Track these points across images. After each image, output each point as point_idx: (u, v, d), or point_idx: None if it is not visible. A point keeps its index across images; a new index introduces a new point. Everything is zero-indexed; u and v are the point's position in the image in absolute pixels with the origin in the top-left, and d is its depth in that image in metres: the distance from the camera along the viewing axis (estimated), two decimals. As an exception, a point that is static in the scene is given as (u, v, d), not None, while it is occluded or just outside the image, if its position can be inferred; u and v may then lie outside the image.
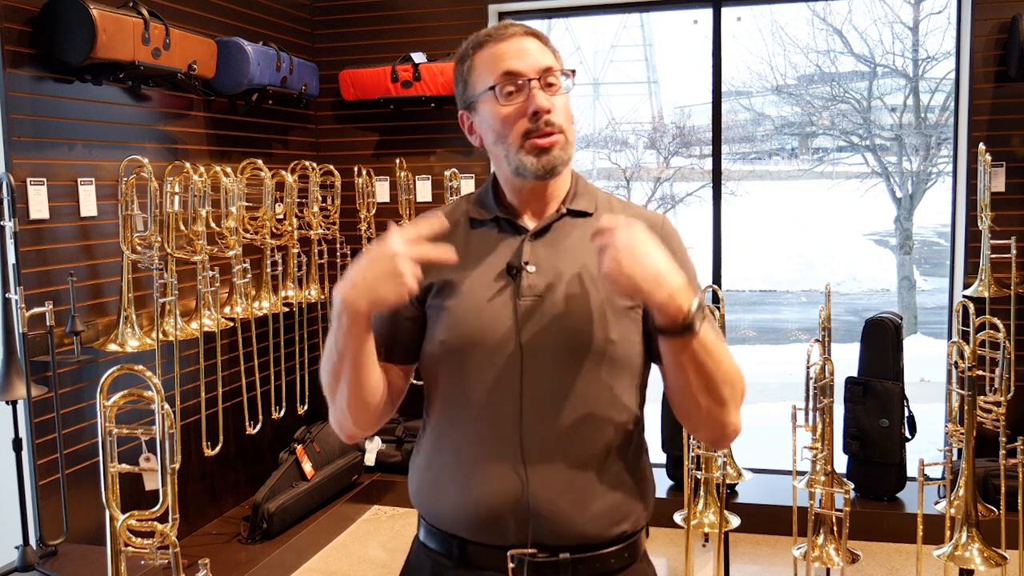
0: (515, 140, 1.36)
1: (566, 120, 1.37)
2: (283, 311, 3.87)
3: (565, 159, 1.37)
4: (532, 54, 1.36)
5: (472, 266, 1.39)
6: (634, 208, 1.48)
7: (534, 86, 1.34)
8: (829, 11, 10.00)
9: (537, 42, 1.39)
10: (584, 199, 1.44)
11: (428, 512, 1.44)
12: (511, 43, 1.37)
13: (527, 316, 1.34)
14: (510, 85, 1.35)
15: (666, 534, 3.69)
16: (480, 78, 1.38)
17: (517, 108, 1.35)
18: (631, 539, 1.40)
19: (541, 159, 1.35)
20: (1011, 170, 3.80)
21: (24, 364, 2.62)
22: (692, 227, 12.17)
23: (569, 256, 1.38)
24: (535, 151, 1.35)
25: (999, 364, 3.01)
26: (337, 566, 3.68)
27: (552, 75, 1.36)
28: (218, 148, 3.80)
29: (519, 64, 1.35)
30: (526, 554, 1.33)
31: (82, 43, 2.79)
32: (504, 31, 1.38)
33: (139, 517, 2.11)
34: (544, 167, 1.35)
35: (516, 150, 1.36)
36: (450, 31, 4.35)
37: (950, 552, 2.67)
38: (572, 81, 1.40)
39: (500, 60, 1.36)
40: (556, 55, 1.41)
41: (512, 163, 1.37)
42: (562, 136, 1.36)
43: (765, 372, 8.95)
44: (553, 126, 1.34)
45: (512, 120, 1.35)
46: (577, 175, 1.47)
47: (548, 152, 1.35)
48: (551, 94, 1.36)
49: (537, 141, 1.34)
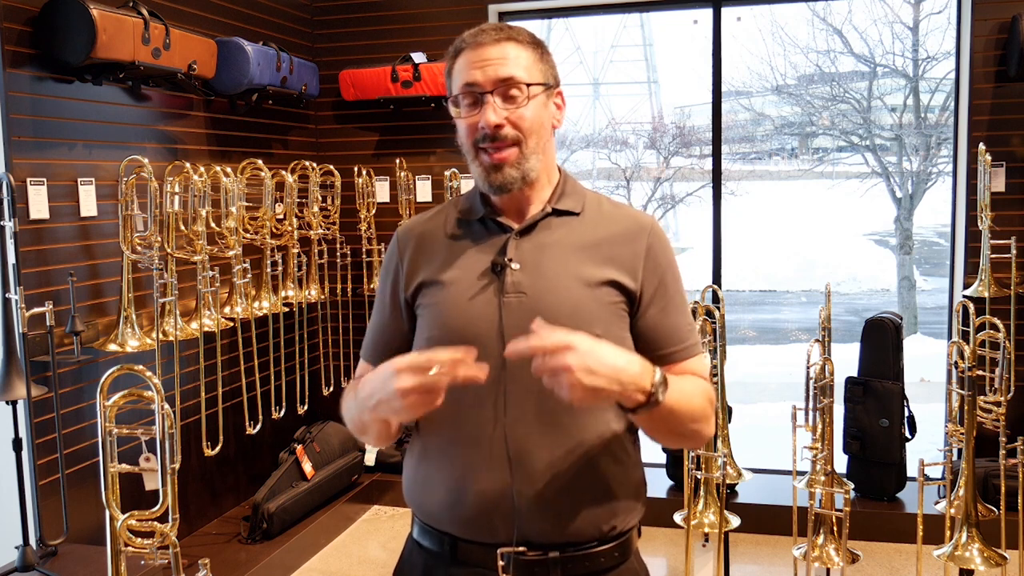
0: (470, 150, 1.39)
1: (528, 131, 1.37)
2: (283, 311, 3.87)
3: (517, 176, 1.37)
4: (493, 64, 1.36)
5: (458, 264, 1.41)
6: (624, 208, 1.49)
7: (487, 100, 1.35)
8: (829, 11, 10.01)
9: (514, 47, 1.38)
10: (571, 199, 1.44)
11: (420, 510, 1.45)
12: (478, 52, 1.37)
13: (511, 313, 1.35)
14: (468, 97, 1.37)
15: (666, 534, 3.68)
16: (452, 86, 1.41)
17: (472, 120, 1.37)
18: (621, 538, 1.41)
19: (491, 176, 1.37)
20: (1011, 170, 3.80)
21: (24, 364, 2.62)
22: (692, 227, 12.21)
23: (554, 254, 1.39)
24: (486, 167, 1.37)
25: (999, 364, 3.01)
26: (337, 566, 3.68)
27: (513, 86, 1.36)
28: (218, 148, 3.80)
29: (477, 75, 1.36)
30: (515, 552, 1.34)
31: (82, 43, 2.79)
32: (478, 37, 1.39)
33: (139, 517, 2.11)
34: (494, 183, 1.37)
35: (472, 160, 1.39)
36: (450, 31, 4.31)
37: (950, 552, 2.67)
38: (548, 92, 1.40)
39: (464, 70, 1.38)
40: (540, 56, 1.40)
41: (472, 172, 1.41)
42: (515, 150, 1.36)
43: (765, 372, 8.95)
44: (503, 140, 1.35)
45: (469, 132, 1.38)
46: (566, 174, 1.48)
47: (499, 169, 1.36)
48: (512, 105, 1.36)
49: (485, 157, 1.37)
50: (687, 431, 1.35)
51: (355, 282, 4.47)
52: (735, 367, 4.94)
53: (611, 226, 1.43)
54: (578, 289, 1.36)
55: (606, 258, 1.39)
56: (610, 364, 1.20)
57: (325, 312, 4.39)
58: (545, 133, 1.41)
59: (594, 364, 1.18)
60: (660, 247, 1.43)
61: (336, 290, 4.40)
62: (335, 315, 4.44)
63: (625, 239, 1.42)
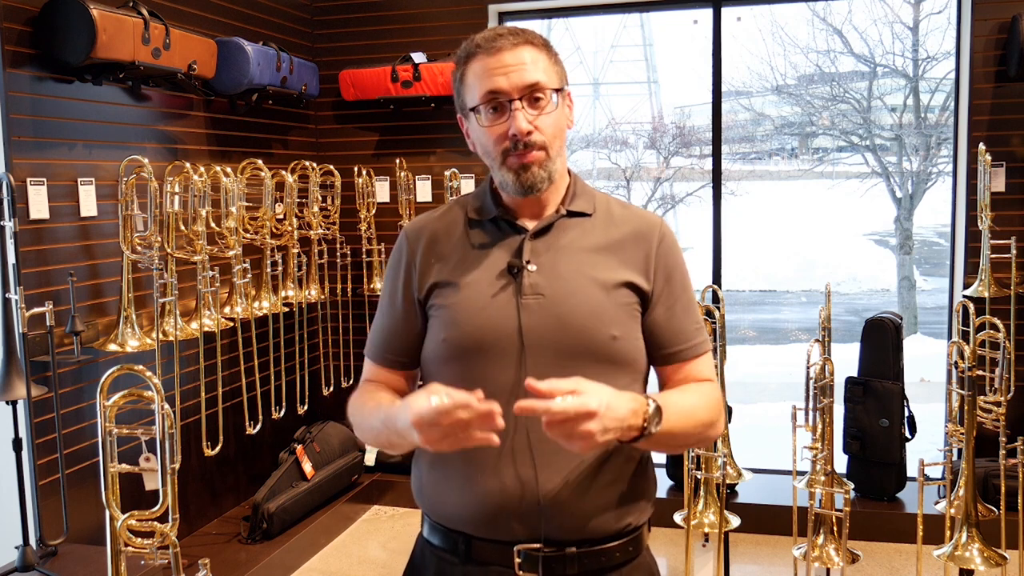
0: (497, 157, 1.38)
1: (552, 136, 1.38)
2: (283, 311, 3.87)
3: (545, 176, 1.38)
4: (517, 70, 1.35)
5: (473, 265, 1.40)
6: (633, 209, 1.49)
7: (516, 107, 1.35)
8: (829, 11, 10.01)
9: (531, 51, 1.38)
10: (583, 200, 1.45)
11: (433, 510, 1.45)
12: (499, 57, 1.36)
13: (529, 314, 1.35)
14: (493, 104, 1.37)
15: (666, 534, 3.69)
16: (469, 92, 1.40)
17: (499, 128, 1.37)
18: (635, 533, 1.42)
19: (520, 177, 1.37)
20: (1011, 170, 3.79)
21: (24, 364, 2.62)
22: (692, 227, 12.21)
23: (569, 255, 1.39)
24: (515, 169, 1.37)
25: (999, 364, 3.00)
26: (337, 566, 3.68)
27: (538, 91, 1.36)
28: (218, 148, 3.80)
29: (502, 82, 1.35)
30: (533, 549, 1.34)
31: (82, 43, 2.79)
32: (495, 43, 1.37)
33: (139, 517, 2.11)
34: (523, 184, 1.38)
35: (499, 166, 1.39)
36: (450, 31, 4.35)
37: (950, 552, 2.67)
38: (562, 95, 1.40)
39: (485, 77, 1.36)
40: (553, 59, 1.41)
41: (496, 177, 1.41)
42: (543, 153, 1.37)
43: (765, 372, 8.95)
44: (533, 146, 1.36)
45: (494, 139, 1.38)
46: (575, 176, 1.48)
47: (528, 170, 1.37)
48: (537, 110, 1.36)
49: (516, 160, 1.37)
50: (691, 443, 1.42)
51: (355, 282, 4.47)
52: (735, 367, 4.95)
53: (622, 227, 1.44)
54: (595, 291, 1.37)
55: (619, 260, 1.40)
56: (621, 417, 1.21)
57: (325, 312, 4.39)
58: (564, 135, 1.42)
59: (609, 423, 1.19)
60: (669, 246, 1.44)
61: (336, 290, 4.40)
62: (335, 315, 4.44)
63: (636, 240, 1.43)
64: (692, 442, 1.41)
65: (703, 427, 1.37)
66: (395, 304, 1.47)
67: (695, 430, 1.36)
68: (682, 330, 1.42)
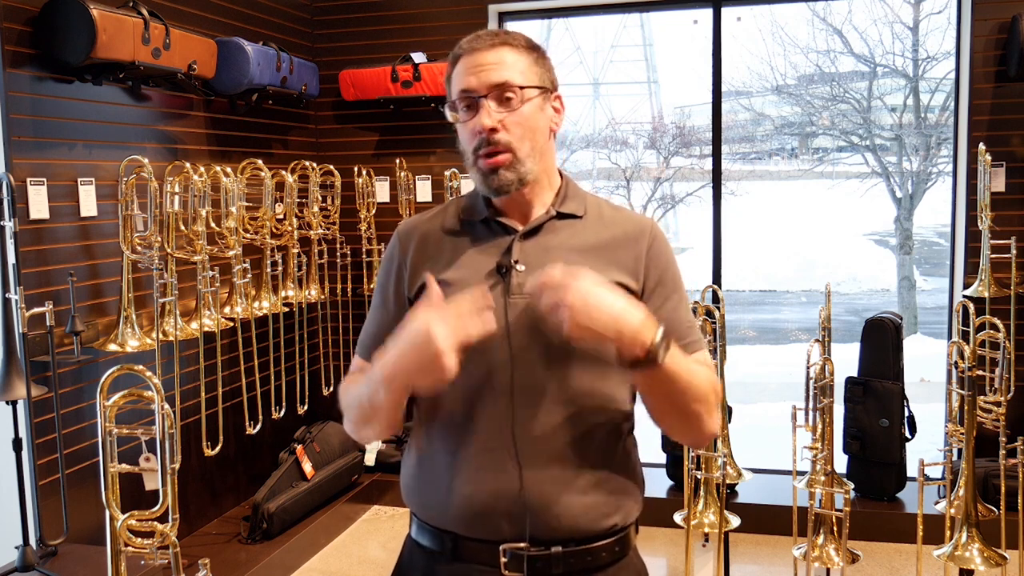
0: (470, 157, 1.40)
1: (520, 136, 1.38)
2: (283, 311, 3.87)
3: (513, 178, 1.38)
4: (487, 69, 1.37)
5: (463, 265, 1.41)
6: (624, 211, 1.50)
7: (482, 104, 1.37)
8: (829, 11, 10.00)
9: (509, 51, 1.39)
10: (574, 202, 1.46)
11: (421, 509, 1.45)
12: (475, 57, 1.39)
13: (517, 314, 1.36)
14: (465, 101, 1.39)
15: (666, 534, 3.68)
16: (450, 93, 1.43)
17: (471, 125, 1.39)
18: (621, 533, 1.42)
19: (488, 179, 1.39)
20: (1011, 170, 3.80)
21: (24, 364, 2.62)
22: (692, 227, 12.21)
23: (558, 256, 1.39)
24: (483, 170, 1.39)
25: (999, 364, 3.01)
26: (337, 566, 3.69)
27: (508, 90, 1.37)
28: (218, 148, 3.80)
29: (472, 80, 1.38)
30: (519, 548, 1.35)
31: (82, 43, 2.79)
32: (475, 43, 1.40)
33: (139, 517, 2.11)
34: (490, 186, 1.39)
35: (471, 165, 1.41)
36: (450, 31, 4.35)
37: (950, 552, 2.67)
38: (545, 96, 1.41)
39: (462, 76, 1.40)
40: (536, 60, 1.41)
41: (472, 177, 1.43)
42: (509, 155, 1.37)
43: (765, 372, 8.95)
44: (497, 144, 1.37)
45: (467, 136, 1.40)
46: (568, 177, 1.50)
47: (495, 172, 1.38)
48: (506, 109, 1.37)
49: (482, 161, 1.38)
50: (689, 410, 1.34)
51: (355, 282, 4.47)
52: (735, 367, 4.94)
53: (613, 229, 1.44)
54: None
55: (608, 261, 1.40)
56: (608, 307, 1.23)
57: (325, 312, 4.39)
58: (541, 136, 1.42)
59: (594, 304, 1.22)
60: (660, 247, 1.45)
61: (336, 290, 4.40)
62: (335, 315, 4.44)
63: (627, 242, 1.43)
64: (688, 410, 1.34)
65: (700, 397, 1.34)
66: (386, 303, 1.50)
67: (693, 393, 1.33)
68: (674, 328, 1.42)
